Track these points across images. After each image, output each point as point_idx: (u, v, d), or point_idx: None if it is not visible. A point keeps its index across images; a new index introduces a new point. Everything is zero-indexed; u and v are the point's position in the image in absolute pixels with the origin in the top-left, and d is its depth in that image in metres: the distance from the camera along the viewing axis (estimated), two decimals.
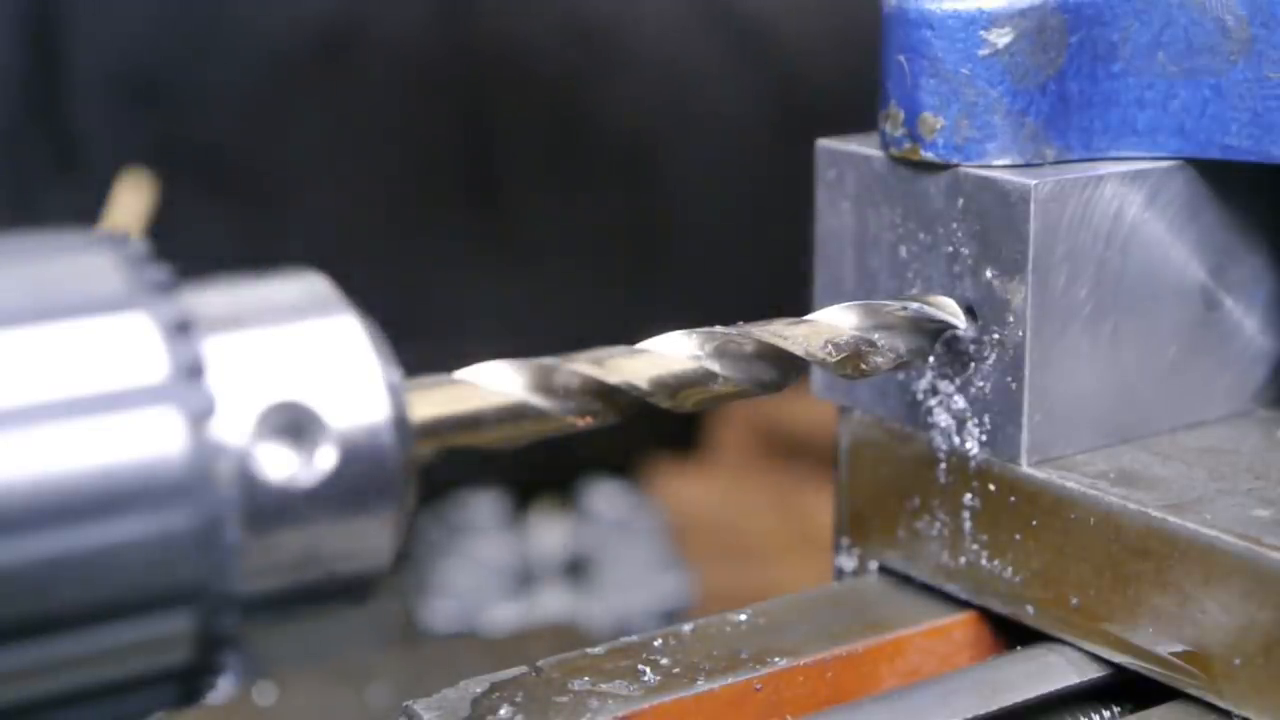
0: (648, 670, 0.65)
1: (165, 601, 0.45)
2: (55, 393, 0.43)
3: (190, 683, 0.47)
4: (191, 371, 0.45)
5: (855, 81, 0.70)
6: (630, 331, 0.64)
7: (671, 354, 0.60)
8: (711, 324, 0.62)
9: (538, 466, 2.19)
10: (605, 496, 2.22)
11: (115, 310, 0.45)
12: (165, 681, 0.46)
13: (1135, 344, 0.69)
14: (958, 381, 0.68)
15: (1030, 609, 0.67)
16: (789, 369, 0.62)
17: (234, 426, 0.46)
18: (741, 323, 0.62)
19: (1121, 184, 0.67)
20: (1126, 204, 0.67)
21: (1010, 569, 0.68)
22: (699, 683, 0.65)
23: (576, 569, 2.14)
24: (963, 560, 0.69)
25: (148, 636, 0.45)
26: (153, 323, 0.45)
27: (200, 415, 0.45)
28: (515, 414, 0.55)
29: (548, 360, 0.57)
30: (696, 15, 2.32)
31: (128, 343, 0.44)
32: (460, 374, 0.55)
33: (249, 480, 0.46)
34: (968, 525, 0.69)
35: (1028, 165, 0.67)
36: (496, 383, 0.55)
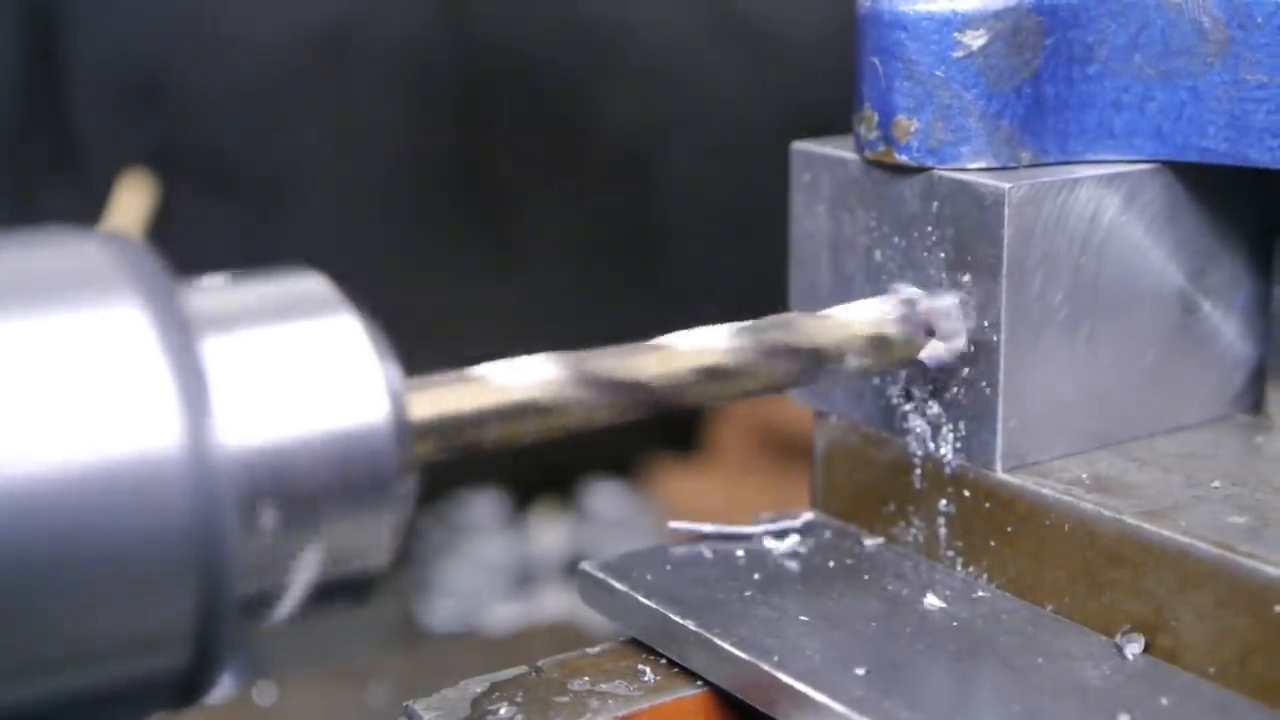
0: (648, 670, 0.65)
1: (164, 602, 0.44)
2: (55, 392, 0.43)
3: (190, 683, 0.47)
4: (191, 371, 0.45)
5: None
6: (630, 332, 0.64)
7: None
8: (711, 323, 0.62)
9: (538, 466, 2.19)
10: (605, 496, 2.22)
11: (115, 310, 0.45)
12: (165, 682, 0.46)
13: (1112, 349, 0.68)
14: (932, 387, 0.68)
15: None
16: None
17: (233, 426, 0.45)
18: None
19: (1098, 187, 0.67)
20: (1103, 207, 0.67)
21: (985, 576, 0.67)
22: (699, 682, 0.65)
23: (576, 569, 2.14)
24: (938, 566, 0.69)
25: (147, 637, 0.45)
26: (153, 323, 0.45)
27: (200, 415, 0.44)
28: (529, 410, 0.56)
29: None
30: (697, 15, 2.32)
31: (127, 343, 0.44)
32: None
33: (248, 480, 0.46)
34: (943, 531, 0.68)
35: (1003, 168, 0.66)
36: (524, 378, 0.56)
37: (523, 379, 0.56)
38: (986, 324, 0.65)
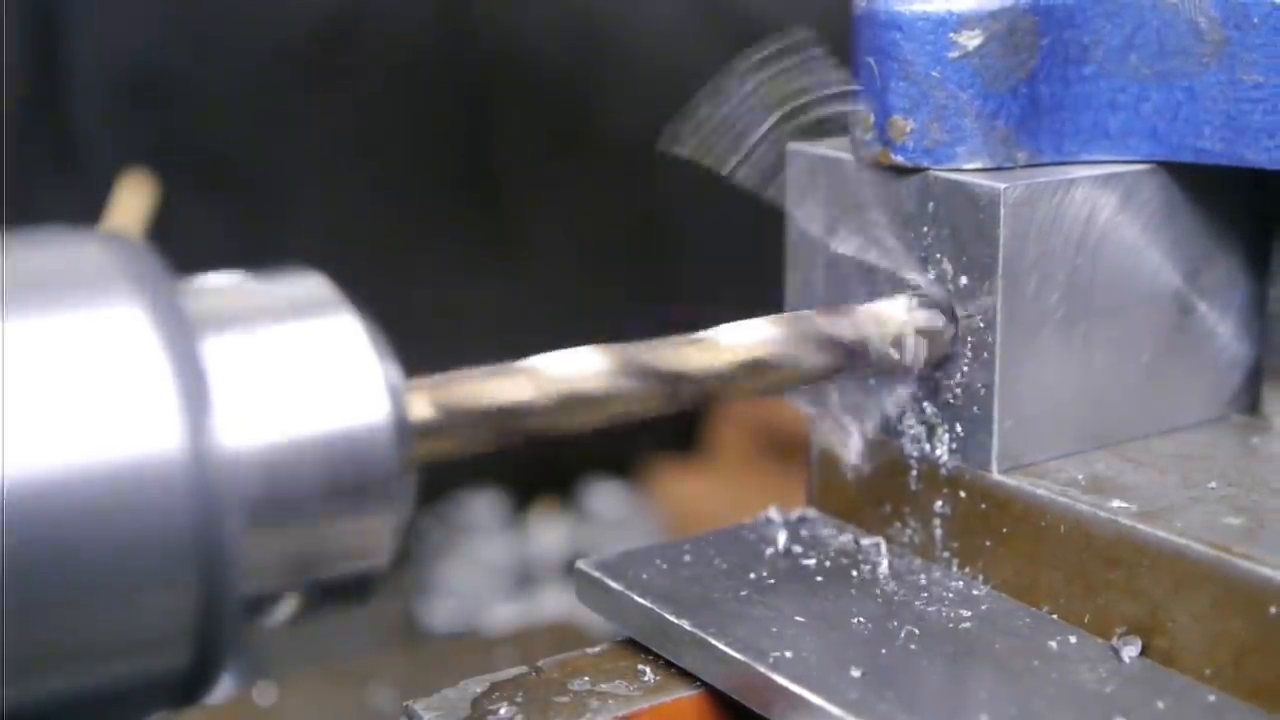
0: (648, 670, 0.65)
1: (165, 602, 0.45)
2: (56, 392, 0.43)
3: (191, 683, 0.47)
4: (192, 371, 0.45)
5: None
6: (632, 331, 0.64)
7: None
8: (711, 324, 0.62)
9: (538, 466, 2.19)
10: (605, 496, 2.21)
11: (115, 310, 0.45)
12: (167, 681, 0.46)
13: (1108, 349, 0.68)
14: (928, 388, 0.68)
15: None
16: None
17: (234, 426, 0.46)
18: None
19: (1093, 187, 0.67)
20: (1099, 208, 0.67)
21: (981, 577, 0.67)
22: (698, 682, 0.65)
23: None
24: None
25: (148, 637, 0.45)
26: (153, 323, 0.45)
27: (200, 415, 0.45)
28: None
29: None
30: (696, 15, 2.32)
31: (127, 342, 0.44)
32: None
33: (248, 480, 0.46)
34: (939, 533, 0.68)
35: (999, 169, 0.66)
36: (572, 369, 0.56)
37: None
38: (982, 324, 0.65)
